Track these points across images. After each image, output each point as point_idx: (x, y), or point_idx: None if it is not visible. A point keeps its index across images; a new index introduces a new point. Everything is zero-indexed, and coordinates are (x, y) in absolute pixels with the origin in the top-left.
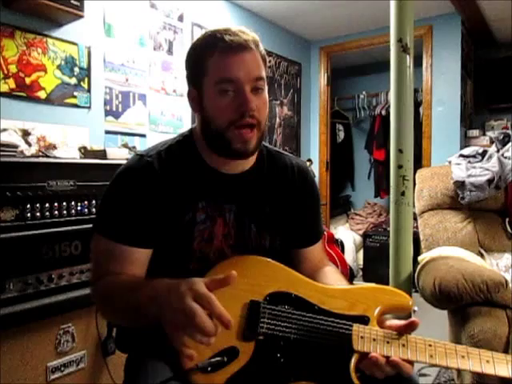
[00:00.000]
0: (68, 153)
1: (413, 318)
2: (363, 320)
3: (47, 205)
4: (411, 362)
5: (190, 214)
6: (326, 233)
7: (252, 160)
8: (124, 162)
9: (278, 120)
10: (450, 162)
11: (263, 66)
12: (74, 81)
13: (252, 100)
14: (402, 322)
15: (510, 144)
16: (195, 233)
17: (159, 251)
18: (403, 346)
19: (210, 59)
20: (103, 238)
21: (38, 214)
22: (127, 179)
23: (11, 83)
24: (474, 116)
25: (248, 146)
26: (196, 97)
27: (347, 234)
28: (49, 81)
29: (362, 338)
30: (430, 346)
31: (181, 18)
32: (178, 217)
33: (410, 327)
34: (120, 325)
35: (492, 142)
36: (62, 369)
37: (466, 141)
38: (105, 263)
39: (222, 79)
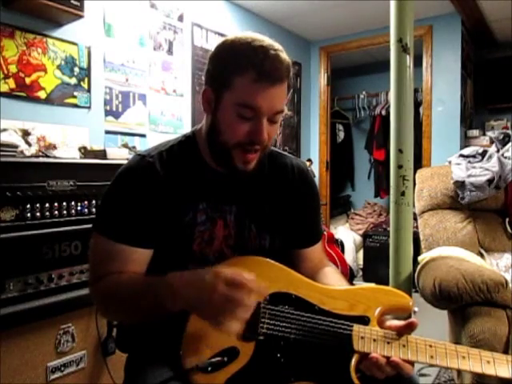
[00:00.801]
0: (68, 153)
1: (412, 319)
2: (363, 320)
3: (47, 205)
4: (411, 363)
5: (191, 215)
6: (325, 233)
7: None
8: (124, 162)
9: None
10: (450, 162)
11: (287, 95)
12: (74, 81)
13: (265, 131)
14: (400, 323)
15: (510, 144)
16: (195, 234)
17: (159, 251)
18: (403, 346)
19: (238, 78)
20: (103, 238)
21: (38, 214)
22: (128, 179)
23: (11, 83)
24: (474, 116)
25: (248, 167)
26: (212, 101)
27: (347, 233)
28: (49, 81)
29: (362, 338)
30: (431, 346)
31: (181, 18)
32: (179, 218)
33: (409, 328)
34: (122, 322)
35: (492, 142)
36: (62, 369)
37: (466, 141)
38: (104, 263)
39: (245, 104)
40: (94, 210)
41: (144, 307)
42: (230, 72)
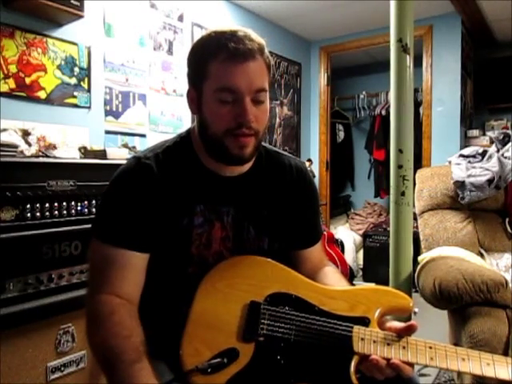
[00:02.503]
0: (68, 153)
1: (412, 322)
2: (363, 321)
3: (47, 205)
4: (411, 364)
5: (188, 218)
6: (325, 233)
7: (251, 161)
8: (124, 162)
9: (278, 120)
10: (450, 162)
11: (267, 76)
12: (74, 81)
13: (251, 112)
14: (400, 325)
15: (510, 144)
16: (193, 237)
17: (157, 255)
18: (403, 348)
19: (211, 64)
20: (101, 243)
21: (38, 214)
22: (125, 182)
23: (11, 83)
24: (474, 116)
25: (244, 152)
26: (195, 98)
27: (347, 233)
28: (49, 81)
29: (362, 339)
30: (431, 348)
31: (181, 18)
32: (176, 220)
33: (409, 330)
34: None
35: (492, 142)
36: (62, 369)
37: (466, 141)
38: (103, 271)
39: (223, 88)
40: (94, 210)
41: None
42: (203, 61)
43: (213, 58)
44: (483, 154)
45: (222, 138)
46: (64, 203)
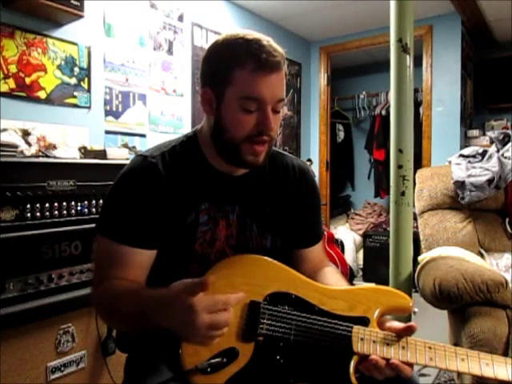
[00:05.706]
0: (68, 153)
1: (411, 323)
2: (363, 321)
3: (47, 205)
4: (411, 364)
5: (193, 216)
6: (325, 233)
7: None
8: (124, 161)
9: None
10: (450, 162)
11: (285, 85)
12: (74, 81)
13: (272, 120)
14: (400, 326)
15: (510, 144)
16: (198, 234)
17: (160, 251)
18: (403, 348)
19: (238, 71)
20: (106, 240)
21: (38, 214)
22: (131, 180)
23: (11, 83)
24: (474, 116)
25: (258, 158)
26: (212, 100)
27: (347, 233)
28: (49, 81)
29: (361, 339)
30: (430, 348)
31: (181, 18)
32: (181, 218)
33: (408, 331)
34: (120, 330)
35: (492, 142)
36: (62, 369)
37: (466, 141)
38: (107, 266)
39: (248, 97)
40: (94, 210)
41: (133, 321)
42: (228, 67)
43: (240, 66)
44: (483, 154)
45: (239, 144)
46: (64, 203)
